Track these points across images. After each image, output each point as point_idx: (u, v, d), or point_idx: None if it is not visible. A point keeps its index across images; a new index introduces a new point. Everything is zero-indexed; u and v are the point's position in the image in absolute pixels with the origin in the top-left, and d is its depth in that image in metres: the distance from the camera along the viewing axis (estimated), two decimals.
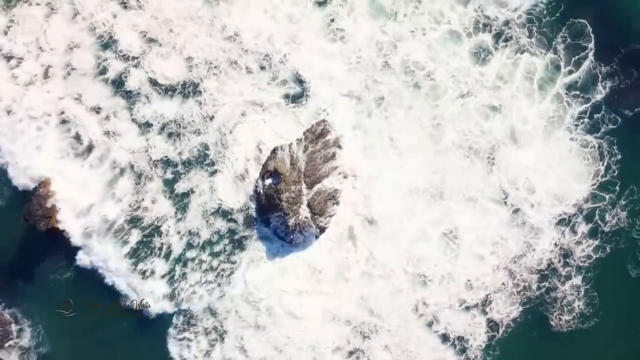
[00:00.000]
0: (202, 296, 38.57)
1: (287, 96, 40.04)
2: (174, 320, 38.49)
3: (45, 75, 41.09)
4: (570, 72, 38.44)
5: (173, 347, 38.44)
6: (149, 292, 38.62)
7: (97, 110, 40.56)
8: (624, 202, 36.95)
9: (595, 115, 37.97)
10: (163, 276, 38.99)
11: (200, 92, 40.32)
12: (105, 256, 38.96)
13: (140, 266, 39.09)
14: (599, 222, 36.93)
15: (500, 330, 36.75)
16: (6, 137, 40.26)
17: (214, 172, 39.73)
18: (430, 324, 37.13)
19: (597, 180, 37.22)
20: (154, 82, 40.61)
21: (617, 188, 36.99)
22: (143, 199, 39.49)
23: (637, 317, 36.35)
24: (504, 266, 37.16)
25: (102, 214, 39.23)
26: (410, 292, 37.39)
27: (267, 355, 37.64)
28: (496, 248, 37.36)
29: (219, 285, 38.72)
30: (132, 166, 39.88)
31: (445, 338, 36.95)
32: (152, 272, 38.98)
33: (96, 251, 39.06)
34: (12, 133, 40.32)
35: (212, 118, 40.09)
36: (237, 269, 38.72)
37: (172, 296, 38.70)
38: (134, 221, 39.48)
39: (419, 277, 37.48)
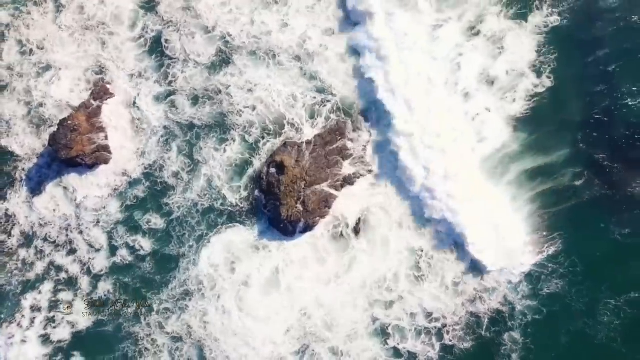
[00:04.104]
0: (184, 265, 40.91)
1: (309, 89, 42.04)
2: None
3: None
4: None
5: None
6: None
7: (129, 69, 43.94)
8: (562, 271, 37.09)
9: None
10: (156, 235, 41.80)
11: (229, 64, 42.98)
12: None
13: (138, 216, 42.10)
14: (540, 284, 37.15)
15: (455, 354, 37.36)
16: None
17: (224, 141, 42.07)
18: (380, 337, 38.18)
19: (546, 251, 37.52)
20: (187, 51, 43.62)
21: (562, 258, 37.13)
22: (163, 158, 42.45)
23: None
24: (461, 303, 37.82)
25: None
26: (368, 309, 38.53)
27: (220, 339, 39.38)
28: (457, 287, 38.09)
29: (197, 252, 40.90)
30: (163, 127, 42.84)
31: (397, 353, 37.87)
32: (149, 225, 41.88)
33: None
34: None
35: (229, 87, 42.61)
36: (216, 241, 40.86)
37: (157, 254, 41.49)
38: (148, 175, 42.49)
39: (380, 296, 38.60)
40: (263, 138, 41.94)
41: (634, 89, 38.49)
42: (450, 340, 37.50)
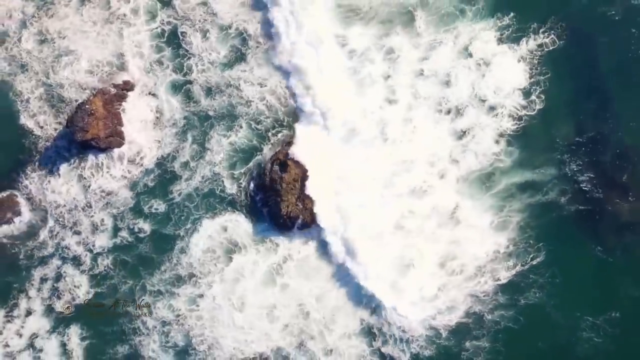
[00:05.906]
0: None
1: None
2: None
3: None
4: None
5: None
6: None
7: (147, 60, 45.28)
8: (541, 281, 38.07)
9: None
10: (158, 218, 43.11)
11: (243, 61, 44.15)
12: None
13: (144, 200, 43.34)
14: (517, 295, 38.07)
15: None
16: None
17: (232, 128, 43.13)
18: (367, 337, 39.36)
19: (527, 263, 38.49)
20: (201, 48, 44.71)
21: (543, 269, 38.09)
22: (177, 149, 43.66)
23: None
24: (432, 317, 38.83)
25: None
26: (357, 311, 39.69)
27: (207, 327, 40.63)
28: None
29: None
30: (181, 118, 44.06)
31: (382, 354, 39.01)
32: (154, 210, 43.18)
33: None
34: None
35: (240, 80, 43.77)
36: (210, 225, 41.98)
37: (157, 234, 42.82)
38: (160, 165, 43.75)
39: (371, 301, 39.53)
40: (274, 127, 42.94)
41: (624, 111, 39.98)
42: (414, 349, 38.49)
